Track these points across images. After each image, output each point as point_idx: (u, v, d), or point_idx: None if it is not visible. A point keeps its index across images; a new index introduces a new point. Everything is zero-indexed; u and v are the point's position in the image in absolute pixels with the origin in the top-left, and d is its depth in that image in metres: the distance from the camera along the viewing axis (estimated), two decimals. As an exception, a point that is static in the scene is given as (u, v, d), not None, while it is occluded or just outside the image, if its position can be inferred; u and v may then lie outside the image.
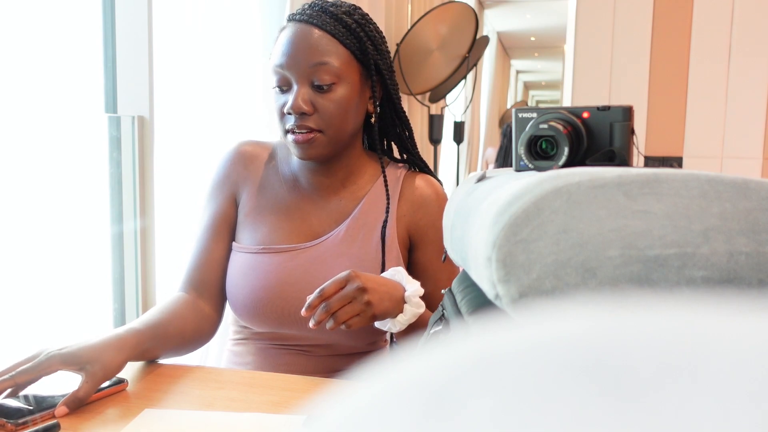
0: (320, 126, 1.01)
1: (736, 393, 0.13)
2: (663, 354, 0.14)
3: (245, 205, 1.10)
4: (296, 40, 1.00)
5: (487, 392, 0.14)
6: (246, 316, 1.06)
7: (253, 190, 1.11)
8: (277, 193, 1.10)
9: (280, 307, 1.04)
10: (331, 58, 1.00)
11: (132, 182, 1.47)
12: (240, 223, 1.10)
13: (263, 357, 1.09)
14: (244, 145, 1.14)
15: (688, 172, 0.40)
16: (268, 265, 1.05)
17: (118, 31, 1.45)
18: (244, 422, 0.77)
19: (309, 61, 0.99)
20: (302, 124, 1.00)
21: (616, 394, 0.13)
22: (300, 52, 1.00)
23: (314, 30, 1.00)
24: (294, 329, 1.05)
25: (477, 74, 3.45)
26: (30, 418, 0.77)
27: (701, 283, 0.37)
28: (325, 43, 1.00)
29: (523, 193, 0.40)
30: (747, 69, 3.03)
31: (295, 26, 1.02)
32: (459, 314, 0.59)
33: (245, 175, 1.11)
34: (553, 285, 0.38)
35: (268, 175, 1.11)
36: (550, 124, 0.60)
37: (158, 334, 0.95)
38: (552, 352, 0.15)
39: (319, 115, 1.00)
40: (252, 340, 1.10)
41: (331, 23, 1.01)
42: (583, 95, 3.19)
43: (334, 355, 1.09)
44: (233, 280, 1.07)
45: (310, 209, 1.09)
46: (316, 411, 0.16)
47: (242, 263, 1.07)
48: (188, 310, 1.04)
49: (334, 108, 1.00)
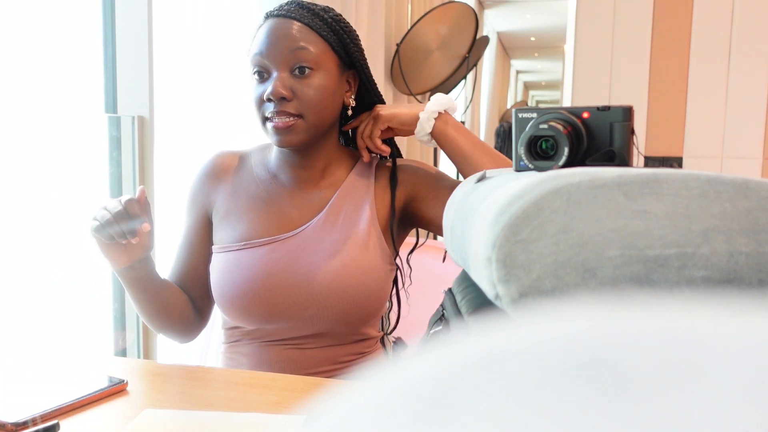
0: (300, 111, 1.02)
1: (736, 393, 0.13)
2: (663, 355, 0.14)
3: (219, 211, 1.12)
4: (275, 30, 1.03)
5: (487, 393, 0.14)
6: (234, 313, 1.07)
7: (226, 195, 1.13)
8: (254, 193, 1.12)
9: (267, 299, 1.04)
10: (310, 45, 1.03)
11: (132, 182, 1.47)
12: (216, 226, 1.12)
13: (257, 357, 1.09)
14: (216, 157, 1.16)
15: (688, 172, 0.40)
16: (250, 260, 1.06)
17: (118, 31, 1.45)
18: (244, 422, 0.77)
19: (288, 47, 1.02)
20: (282, 110, 1.01)
21: (615, 395, 0.13)
22: (279, 39, 1.02)
23: (293, 22, 1.03)
24: (282, 321, 1.05)
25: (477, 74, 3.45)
26: (30, 418, 0.77)
27: (701, 283, 0.37)
28: (305, 33, 1.03)
29: (523, 193, 0.40)
30: (747, 69, 3.03)
31: (274, 20, 1.05)
32: (459, 314, 0.59)
33: (217, 184, 1.14)
34: (553, 285, 0.38)
35: (242, 180, 1.13)
36: (550, 124, 0.60)
37: (163, 285, 1.08)
38: (551, 352, 0.15)
39: (298, 101, 1.02)
40: (243, 340, 1.10)
41: (309, 16, 1.04)
42: (583, 95, 3.19)
43: (328, 347, 1.08)
44: (218, 280, 1.08)
45: (290, 202, 1.11)
46: (316, 411, 0.16)
47: (225, 261, 1.08)
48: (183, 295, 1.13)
49: (313, 93, 1.02)
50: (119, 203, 0.98)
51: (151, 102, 1.45)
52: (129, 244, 1.00)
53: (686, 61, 3.09)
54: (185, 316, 1.12)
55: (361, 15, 2.41)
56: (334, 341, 1.09)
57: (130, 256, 1.01)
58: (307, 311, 1.04)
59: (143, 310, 1.08)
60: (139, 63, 1.44)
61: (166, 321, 1.10)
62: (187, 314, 1.12)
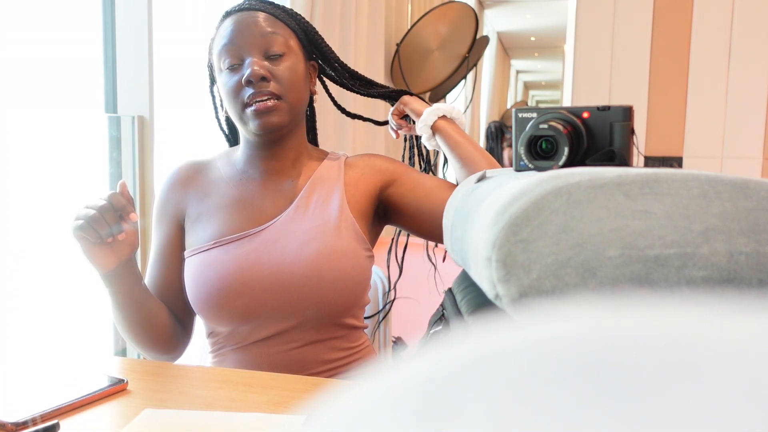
0: (279, 92, 1.02)
1: (736, 393, 0.13)
2: (663, 355, 0.14)
3: (191, 215, 1.11)
4: (241, 22, 1.04)
5: (486, 393, 0.14)
6: (211, 314, 1.04)
7: (196, 200, 1.11)
8: (223, 192, 1.10)
9: (242, 294, 1.02)
10: (279, 31, 1.05)
11: (132, 182, 1.47)
12: (188, 232, 1.10)
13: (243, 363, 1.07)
14: (179, 169, 1.15)
15: (688, 172, 0.40)
16: (222, 256, 1.04)
17: (118, 31, 1.45)
18: (244, 422, 0.77)
19: (259, 32, 1.03)
20: (261, 91, 1.01)
21: (615, 395, 0.13)
22: (248, 27, 1.03)
23: (257, 13, 1.05)
24: (261, 316, 1.03)
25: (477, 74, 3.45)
26: (30, 418, 0.77)
27: (701, 283, 0.37)
28: (271, 21, 1.05)
29: (523, 193, 0.40)
30: (747, 69, 3.03)
31: (237, 15, 1.06)
32: (459, 314, 0.59)
33: (185, 191, 1.12)
34: (553, 285, 0.38)
35: (209, 183, 1.12)
36: (550, 124, 0.60)
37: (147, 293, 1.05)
38: (551, 352, 0.15)
39: (277, 82, 1.02)
40: (227, 347, 1.08)
41: (272, 8, 1.07)
42: (583, 95, 3.19)
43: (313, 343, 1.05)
44: (191, 282, 1.05)
45: (262, 194, 1.10)
46: (316, 411, 0.16)
47: (197, 263, 1.06)
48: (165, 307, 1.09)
49: (289, 75, 1.04)
50: (101, 199, 0.95)
51: (151, 102, 1.45)
52: (116, 243, 0.97)
53: (686, 60, 3.09)
54: (170, 326, 1.08)
55: (361, 15, 2.41)
56: (316, 335, 1.05)
57: (117, 255, 0.98)
58: (285, 302, 1.01)
59: (130, 322, 1.04)
60: (139, 63, 1.44)
61: (152, 333, 1.06)
62: (172, 325, 1.09)
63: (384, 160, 1.15)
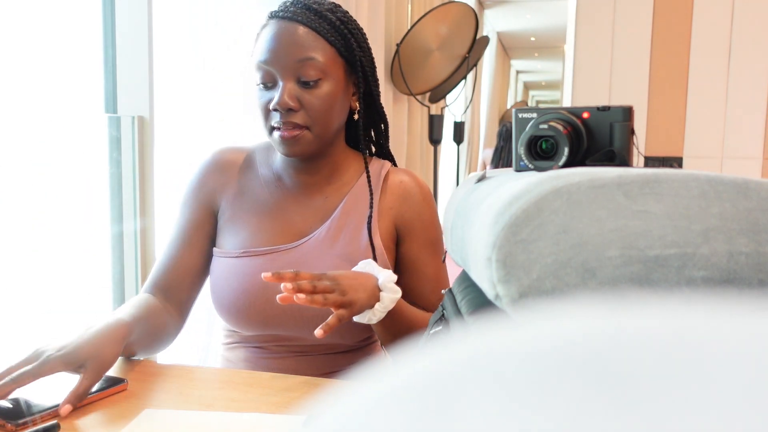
0: (306, 122, 1.00)
1: (736, 393, 0.13)
2: (663, 355, 0.14)
3: (225, 212, 1.09)
4: (281, 37, 0.99)
5: (486, 393, 0.14)
6: (231, 320, 1.05)
7: (232, 195, 1.09)
8: (258, 195, 1.09)
9: (264, 310, 1.02)
10: (317, 54, 0.99)
11: (132, 182, 1.47)
12: (221, 228, 1.09)
13: (254, 362, 1.08)
14: (221, 152, 1.13)
15: (688, 172, 0.40)
16: (249, 268, 1.03)
17: (118, 31, 1.45)
18: (244, 422, 0.77)
19: (295, 56, 0.98)
20: (288, 121, 0.99)
21: (615, 396, 0.13)
22: (285, 47, 0.99)
23: (299, 26, 1.00)
24: (280, 330, 1.04)
25: (477, 74, 3.45)
26: (30, 418, 0.77)
27: (701, 284, 0.37)
28: (311, 40, 0.99)
29: (523, 193, 0.40)
30: (747, 69, 3.03)
31: (279, 23, 1.01)
32: (459, 314, 0.59)
33: (222, 182, 1.10)
34: (553, 285, 0.38)
35: (247, 180, 1.10)
36: (550, 125, 0.60)
37: (141, 328, 0.96)
38: (551, 353, 0.15)
39: (305, 111, 0.99)
40: (242, 343, 1.09)
41: (316, 20, 1.00)
42: (583, 95, 3.19)
43: (326, 354, 1.08)
44: (216, 285, 1.06)
45: (294, 208, 1.08)
46: (316, 411, 0.16)
47: (224, 268, 1.05)
48: (159, 311, 1.04)
49: (320, 104, 1.00)
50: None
51: (151, 102, 1.45)
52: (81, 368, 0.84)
53: (686, 61, 3.09)
54: (169, 334, 1.07)
55: (361, 15, 2.41)
56: (334, 349, 1.08)
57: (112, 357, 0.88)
58: (307, 324, 1.01)
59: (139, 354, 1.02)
60: (139, 63, 1.44)
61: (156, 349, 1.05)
62: (169, 329, 1.06)
63: (414, 204, 1.10)
